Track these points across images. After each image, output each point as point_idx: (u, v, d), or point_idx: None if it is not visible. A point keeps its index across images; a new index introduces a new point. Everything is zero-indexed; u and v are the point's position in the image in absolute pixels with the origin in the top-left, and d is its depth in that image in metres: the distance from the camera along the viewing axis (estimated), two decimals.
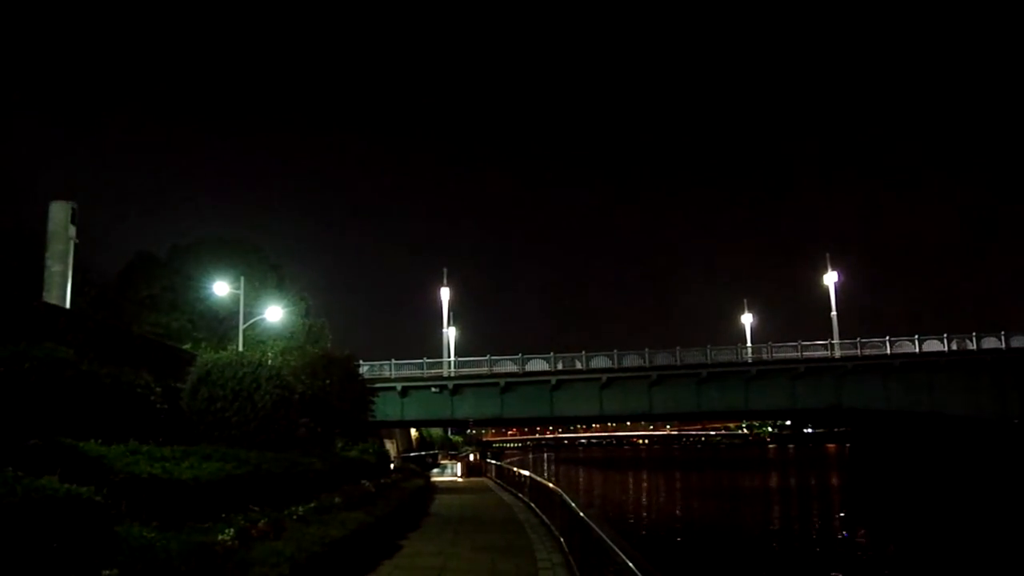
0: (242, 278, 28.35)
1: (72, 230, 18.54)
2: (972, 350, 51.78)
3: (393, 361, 53.57)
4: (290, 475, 12.75)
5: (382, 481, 19.80)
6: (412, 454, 56.44)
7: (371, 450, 24.14)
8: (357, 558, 11.33)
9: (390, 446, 45.09)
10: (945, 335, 52.40)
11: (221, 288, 27.77)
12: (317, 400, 20.73)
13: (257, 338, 29.72)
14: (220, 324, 29.18)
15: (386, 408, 45.20)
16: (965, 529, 31.03)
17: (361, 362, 36.16)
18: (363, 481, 17.27)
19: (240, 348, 24.95)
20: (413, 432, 73.63)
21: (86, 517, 6.19)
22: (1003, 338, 51.98)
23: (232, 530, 8.68)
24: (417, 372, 53.98)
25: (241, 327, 27.43)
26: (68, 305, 17.80)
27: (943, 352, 51.74)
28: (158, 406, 11.93)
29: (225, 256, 32.69)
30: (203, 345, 26.57)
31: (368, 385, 30.81)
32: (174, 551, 7.09)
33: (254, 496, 10.49)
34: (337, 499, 13.54)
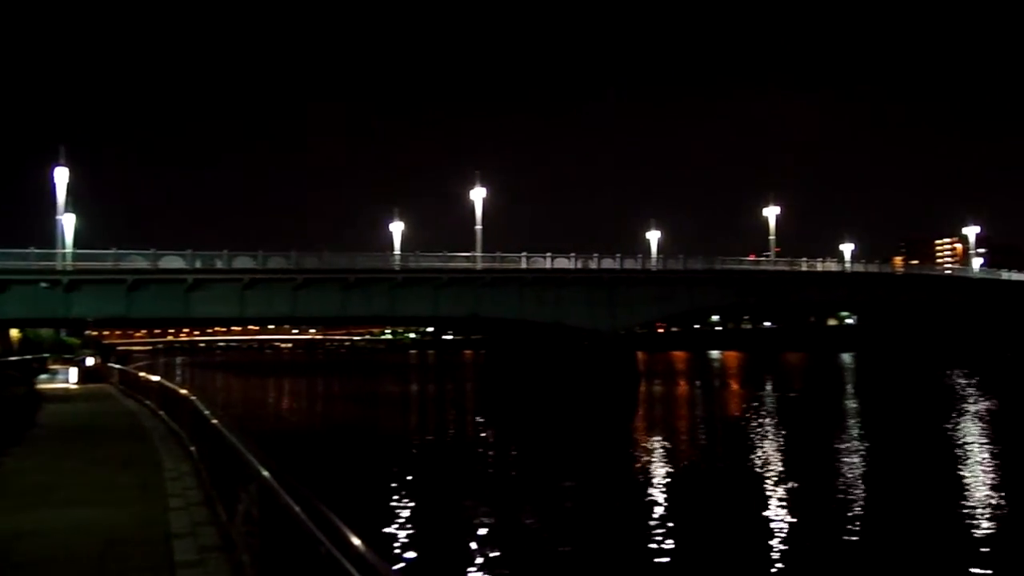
0: None
1: None
2: (593, 269, 59.58)
3: None
4: None
5: None
6: (13, 359, 48.91)
7: None
8: None
9: None
10: (573, 255, 59.54)
11: None
12: None
13: None
14: None
15: None
16: (571, 430, 35.73)
17: None
18: None
19: None
20: (14, 333, 63.74)
21: None
22: (619, 260, 60.78)
23: None
24: (22, 264, 46.45)
25: None
26: None
27: (570, 269, 58.63)
28: None
29: None
30: None
31: None
32: None
33: None
34: None
